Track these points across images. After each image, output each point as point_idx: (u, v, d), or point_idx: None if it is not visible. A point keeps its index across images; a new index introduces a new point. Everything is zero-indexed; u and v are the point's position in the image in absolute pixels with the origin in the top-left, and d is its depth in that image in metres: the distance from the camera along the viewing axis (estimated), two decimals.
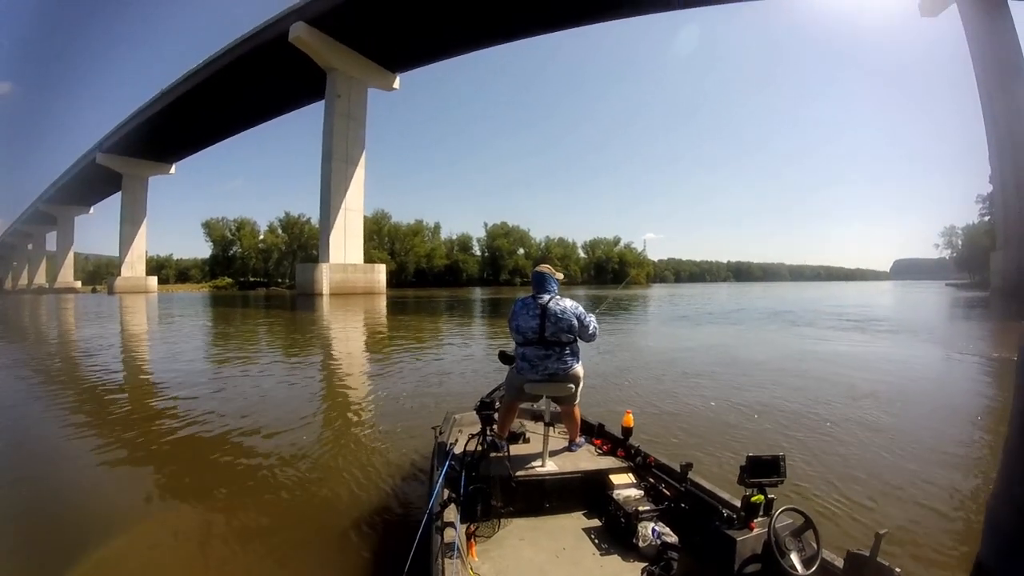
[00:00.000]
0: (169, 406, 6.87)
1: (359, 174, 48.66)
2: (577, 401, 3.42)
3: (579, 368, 3.36)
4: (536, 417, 3.91)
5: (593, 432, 3.61)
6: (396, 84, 51.72)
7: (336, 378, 9.06)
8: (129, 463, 4.76)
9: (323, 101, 47.48)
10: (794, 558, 2.03)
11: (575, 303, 3.38)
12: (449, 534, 2.24)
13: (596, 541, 2.63)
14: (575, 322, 3.29)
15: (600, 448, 3.41)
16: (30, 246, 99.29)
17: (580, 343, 3.44)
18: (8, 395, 7.78)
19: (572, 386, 3.33)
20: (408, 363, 10.02)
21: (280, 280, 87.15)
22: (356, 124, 48.41)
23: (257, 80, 50.13)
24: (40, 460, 4.95)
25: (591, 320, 3.37)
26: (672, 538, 2.46)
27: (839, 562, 2.01)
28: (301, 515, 3.63)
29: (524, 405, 3.68)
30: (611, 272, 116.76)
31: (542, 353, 3.28)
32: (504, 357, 3.58)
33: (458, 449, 3.07)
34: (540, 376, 3.27)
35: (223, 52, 47.82)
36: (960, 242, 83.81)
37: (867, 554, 1.86)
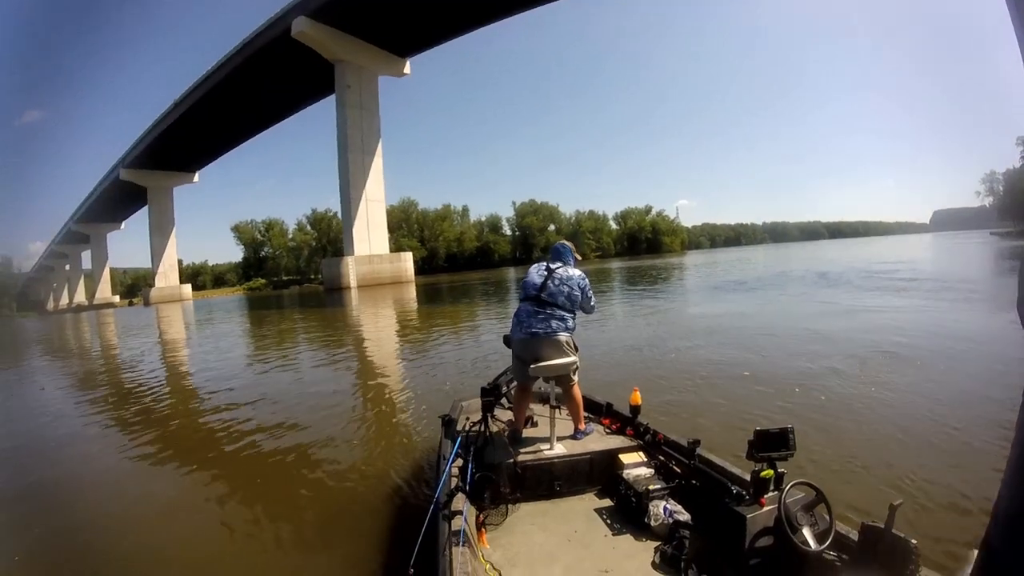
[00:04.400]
0: (196, 406, 7.39)
1: (377, 164, 48.30)
2: (575, 381, 3.33)
3: (564, 336, 3.24)
4: (543, 400, 3.77)
5: (601, 411, 3.59)
6: (407, 69, 51.02)
7: (352, 376, 8.98)
8: (158, 456, 5.12)
9: (335, 94, 47.02)
10: (806, 533, 1.98)
11: (582, 274, 3.42)
12: (457, 523, 2.18)
13: (608, 522, 2.62)
14: (577, 291, 3.33)
15: (609, 427, 3.39)
16: (67, 266, 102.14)
17: (576, 323, 3.40)
18: (60, 404, 8.34)
19: (557, 357, 3.18)
20: (428, 355, 9.83)
21: (313, 277, 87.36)
22: (369, 114, 47.98)
23: (266, 80, 50.00)
24: (82, 458, 5.31)
25: (592, 294, 3.45)
26: (684, 516, 2.45)
27: (853, 535, 1.95)
28: (311, 504, 3.75)
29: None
30: (644, 242, 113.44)
31: (532, 310, 3.26)
32: (507, 341, 3.50)
33: (465, 437, 3.04)
34: (523, 334, 3.24)
35: (227, 57, 47.81)
36: (1002, 188, 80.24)
37: (882, 526, 1.82)
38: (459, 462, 2.80)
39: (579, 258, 3.63)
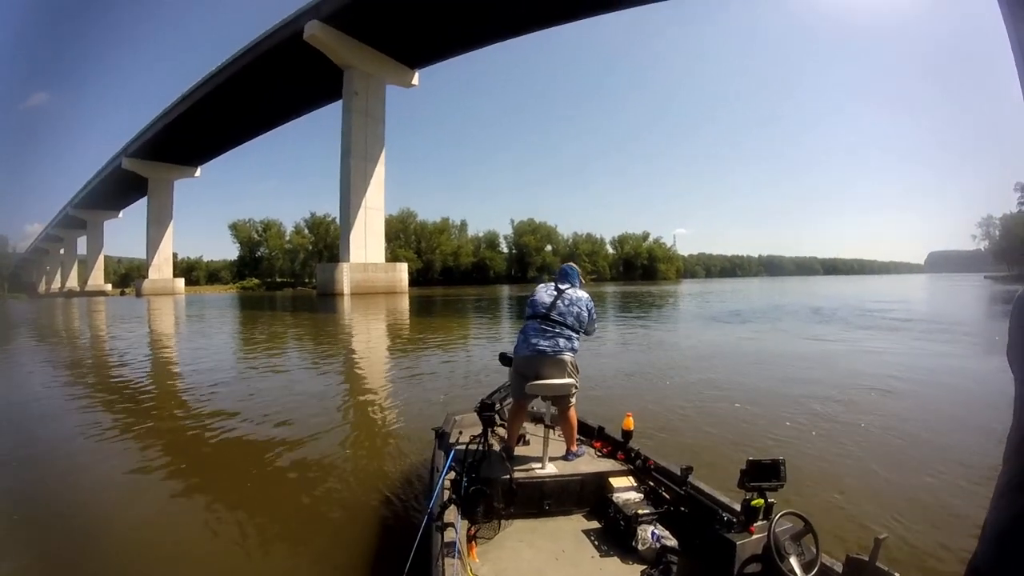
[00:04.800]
0: (182, 407, 7.00)
1: (379, 172, 48.37)
2: (573, 403, 3.35)
3: (568, 356, 3.29)
4: (536, 419, 3.78)
5: (593, 435, 3.60)
6: (415, 80, 51.37)
7: (342, 383, 8.79)
8: (140, 456, 4.87)
9: (341, 100, 47.19)
10: (793, 562, 2.02)
11: (589, 297, 3.50)
12: (449, 535, 2.21)
13: (596, 544, 2.64)
14: (585, 312, 3.41)
15: (600, 451, 3.42)
16: (62, 250, 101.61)
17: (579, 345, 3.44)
18: (45, 390, 8.16)
19: (559, 377, 3.24)
20: (419, 367, 9.86)
21: (307, 280, 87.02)
22: (374, 122, 48.11)
23: (274, 81, 50.20)
24: (61, 455, 5.01)
25: (596, 316, 3.54)
26: (671, 541, 2.47)
27: (838, 567, 2.00)
28: (303, 514, 3.66)
29: None
30: (640, 268, 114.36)
31: (540, 328, 3.30)
32: (504, 359, 3.56)
33: (459, 450, 3.05)
34: (529, 351, 3.26)
35: (239, 55, 47.96)
36: (998, 233, 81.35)
37: (866, 559, 1.85)
38: (452, 475, 2.82)
39: (583, 282, 3.69)
